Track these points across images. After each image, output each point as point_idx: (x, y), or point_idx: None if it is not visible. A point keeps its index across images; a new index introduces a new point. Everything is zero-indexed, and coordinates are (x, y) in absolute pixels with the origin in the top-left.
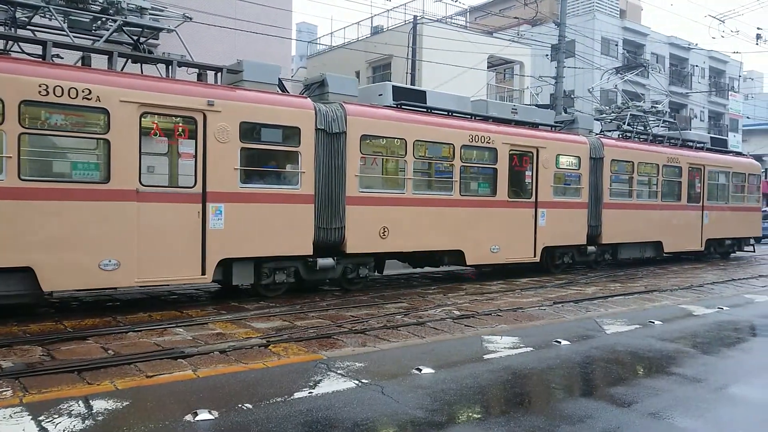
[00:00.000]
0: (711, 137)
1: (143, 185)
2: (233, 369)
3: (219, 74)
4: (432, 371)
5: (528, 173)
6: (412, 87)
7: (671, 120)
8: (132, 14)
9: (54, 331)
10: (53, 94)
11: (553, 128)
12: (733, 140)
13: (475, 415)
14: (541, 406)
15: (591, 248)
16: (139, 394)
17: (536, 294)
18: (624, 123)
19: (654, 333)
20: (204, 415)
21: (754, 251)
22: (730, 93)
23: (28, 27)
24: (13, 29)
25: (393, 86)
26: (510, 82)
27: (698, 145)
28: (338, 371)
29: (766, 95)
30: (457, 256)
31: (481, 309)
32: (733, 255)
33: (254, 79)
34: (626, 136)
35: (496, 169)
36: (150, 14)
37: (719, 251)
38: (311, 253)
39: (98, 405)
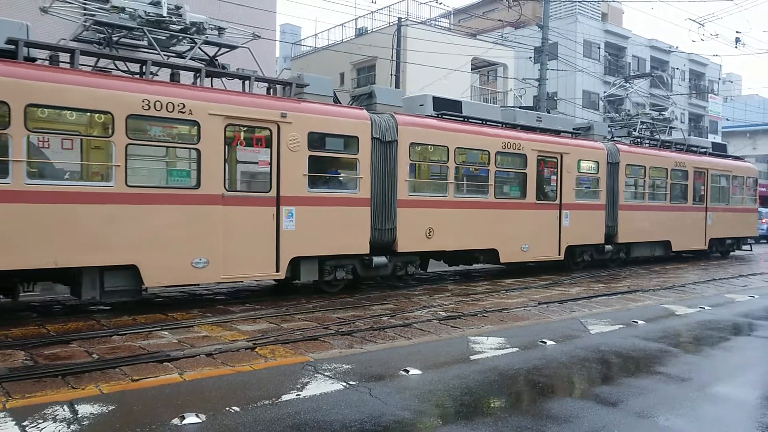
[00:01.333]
0: (712, 142)
1: (227, 191)
2: (220, 372)
3: (286, 88)
4: (419, 372)
5: (553, 177)
6: (450, 98)
7: (676, 126)
8: (210, 33)
9: (37, 335)
10: (154, 108)
11: (573, 135)
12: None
13: (462, 416)
14: (527, 406)
15: (608, 247)
16: (124, 398)
17: (521, 295)
18: (635, 129)
19: (637, 333)
20: (191, 419)
21: (751, 250)
22: (709, 95)
23: (115, 46)
24: (108, 48)
25: (433, 97)
26: (494, 84)
27: (701, 150)
28: (326, 373)
29: (744, 98)
30: (492, 255)
31: (467, 310)
32: (731, 253)
33: (316, 92)
34: (637, 141)
35: (525, 173)
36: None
37: (720, 250)
38: (368, 252)
39: (83, 409)
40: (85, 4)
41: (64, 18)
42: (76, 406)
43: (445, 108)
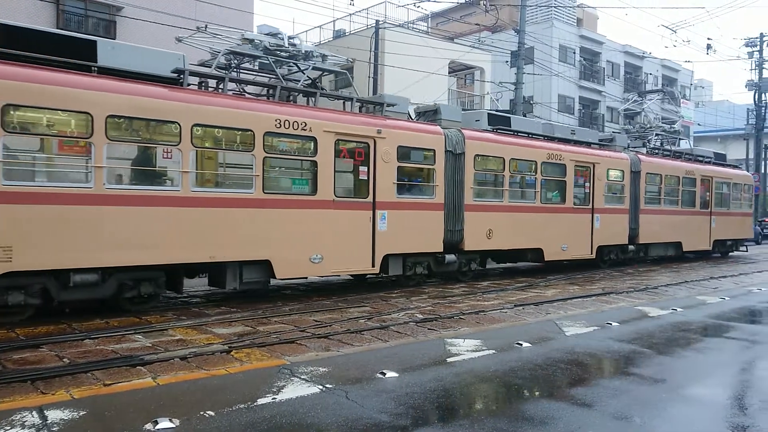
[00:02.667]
0: (714, 153)
1: (336, 197)
2: (194, 376)
3: (376, 107)
4: (396, 375)
5: (587, 184)
6: (501, 113)
7: (684, 138)
8: (315, 59)
9: (5, 339)
10: (283, 126)
11: (600, 146)
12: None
13: (439, 418)
14: (504, 408)
15: (631, 247)
16: (96, 404)
17: (498, 297)
18: (650, 141)
19: (612, 334)
20: (164, 424)
21: (746, 251)
22: (681, 100)
23: (238, 70)
24: (234, 72)
25: (488, 113)
26: (471, 88)
27: (706, 159)
28: (302, 376)
29: (715, 103)
30: (537, 254)
31: (444, 312)
32: (731, 254)
33: (399, 111)
34: (653, 152)
35: (565, 181)
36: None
37: (721, 251)
38: (441, 251)
39: (53, 415)
40: (221, 35)
41: (195, 47)
42: (45, 411)
43: (498, 123)
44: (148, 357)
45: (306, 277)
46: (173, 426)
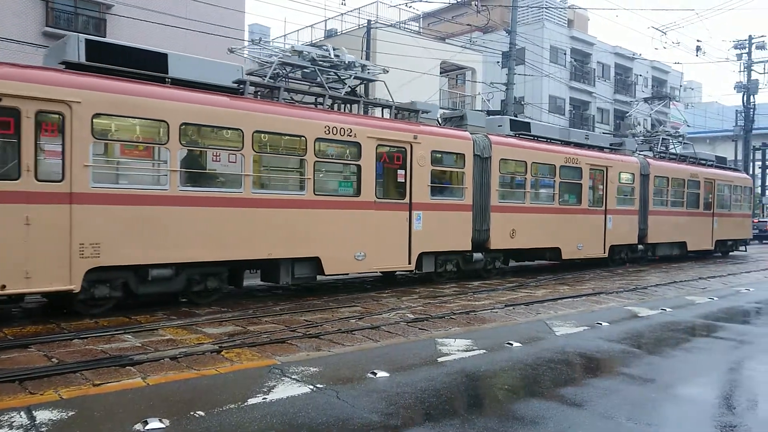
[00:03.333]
0: (716, 156)
1: (377, 198)
2: (184, 376)
3: (412, 114)
4: (387, 375)
5: (600, 187)
6: (522, 120)
7: (688, 143)
8: (356, 69)
9: None
10: (332, 133)
11: (611, 150)
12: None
13: (429, 418)
14: (494, 407)
15: (640, 247)
16: (85, 404)
17: (488, 297)
18: (656, 145)
19: (601, 334)
20: (154, 424)
21: (745, 251)
22: (671, 102)
23: (286, 79)
24: (282, 81)
25: (510, 119)
26: (462, 88)
27: (708, 162)
28: (293, 376)
29: (704, 105)
30: (555, 253)
31: (435, 312)
32: (730, 253)
33: (430, 117)
34: (660, 156)
35: (581, 183)
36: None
37: (722, 250)
38: (470, 249)
39: (42, 416)
40: (272, 48)
41: (246, 57)
42: (34, 412)
43: (519, 128)
44: (138, 357)
45: (347, 273)
46: (163, 426)
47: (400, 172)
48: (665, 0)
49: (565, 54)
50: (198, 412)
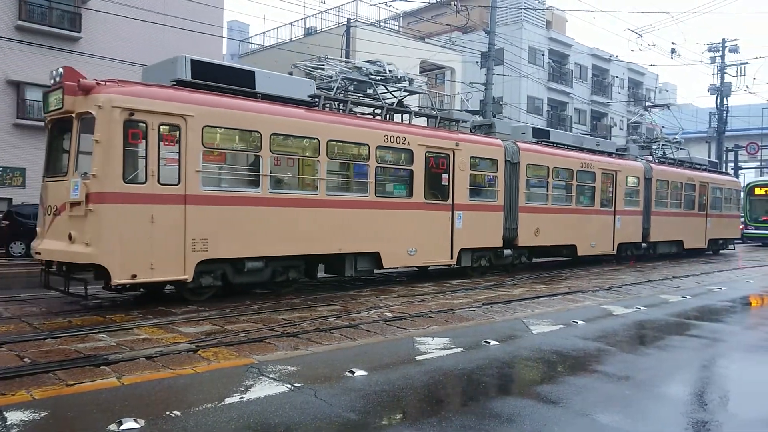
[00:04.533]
0: (708, 161)
1: (426, 200)
2: (160, 375)
3: (452, 123)
4: (365, 373)
5: (610, 189)
6: (542, 128)
7: (684, 148)
8: (404, 83)
9: None
10: (389, 141)
11: (617, 155)
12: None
13: (407, 416)
14: (472, 405)
15: (644, 245)
16: (58, 404)
17: (466, 296)
18: (656, 150)
19: (577, 332)
20: (129, 424)
21: (734, 249)
22: (646, 103)
23: (343, 91)
24: (342, 94)
25: (532, 128)
26: (441, 87)
27: (703, 167)
28: (270, 375)
29: (679, 106)
30: (571, 250)
31: (413, 311)
32: (721, 252)
33: (465, 126)
34: (660, 160)
35: (594, 186)
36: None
37: (713, 249)
38: (501, 246)
39: (13, 417)
40: (333, 65)
41: (308, 72)
42: (4, 413)
43: (540, 136)
44: (113, 356)
45: (396, 267)
46: (138, 426)
47: (444, 176)
48: (642, 3)
49: (543, 55)
50: (174, 412)
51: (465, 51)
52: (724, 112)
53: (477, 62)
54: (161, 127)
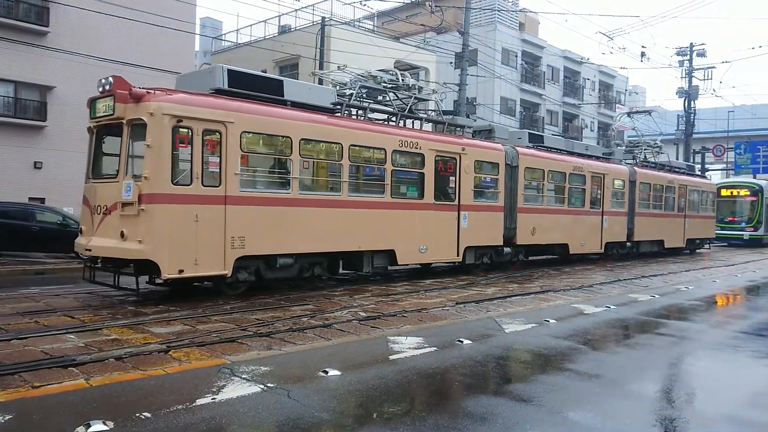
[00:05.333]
0: (686, 164)
1: (435, 201)
2: (130, 376)
3: (457, 129)
4: (338, 373)
5: (599, 191)
6: (537, 133)
7: (664, 152)
8: (414, 90)
9: None
10: (404, 146)
11: (605, 159)
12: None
13: (381, 416)
14: (445, 404)
15: (628, 244)
16: (24, 407)
17: (440, 295)
18: (639, 155)
19: (549, 331)
20: (98, 426)
21: (710, 248)
22: (617, 105)
23: (358, 98)
24: (357, 100)
25: (528, 132)
26: None
27: (682, 170)
28: (243, 376)
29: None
30: (563, 248)
31: (387, 310)
32: (697, 251)
33: (468, 131)
34: (643, 164)
35: (584, 189)
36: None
37: (690, 248)
38: (501, 244)
39: None
40: (351, 73)
41: (329, 80)
42: None
43: (535, 141)
44: (81, 358)
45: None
46: (107, 429)
47: (451, 178)
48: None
49: (516, 56)
50: (144, 414)
51: (439, 51)
52: (692, 115)
53: (451, 63)
54: (205, 132)
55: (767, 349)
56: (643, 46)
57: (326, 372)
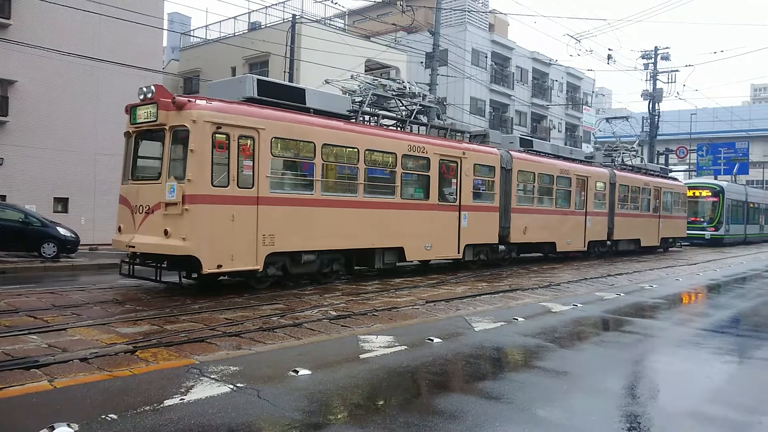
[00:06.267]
0: (660, 167)
1: (439, 201)
2: (96, 378)
3: (457, 134)
4: (309, 373)
5: (582, 193)
6: (527, 137)
7: (641, 156)
8: (419, 97)
9: None
10: (412, 150)
11: (587, 162)
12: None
13: (352, 415)
14: (415, 403)
15: (608, 242)
16: None
17: (410, 294)
18: (617, 158)
19: (518, 329)
20: (62, 429)
21: (681, 248)
22: (584, 107)
23: (368, 105)
24: (369, 107)
25: (519, 137)
26: None
27: (656, 173)
28: (212, 376)
29: (614, 111)
30: (551, 246)
31: (357, 309)
32: (670, 249)
33: (465, 136)
34: (622, 167)
35: (570, 190)
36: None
37: (664, 246)
38: (497, 242)
39: None
40: (363, 81)
41: (340, 88)
42: None
43: (525, 145)
44: (44, 359)
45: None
46: (72, 431)
47: (453, 180)
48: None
49: (486, 57)
50: (110, 416)
51: (410, 51)
52: (656, 117)
53: (422, 62)
54: (240, 138)
55: (728, 345)
56: (609, 49)
57: (297, 371)
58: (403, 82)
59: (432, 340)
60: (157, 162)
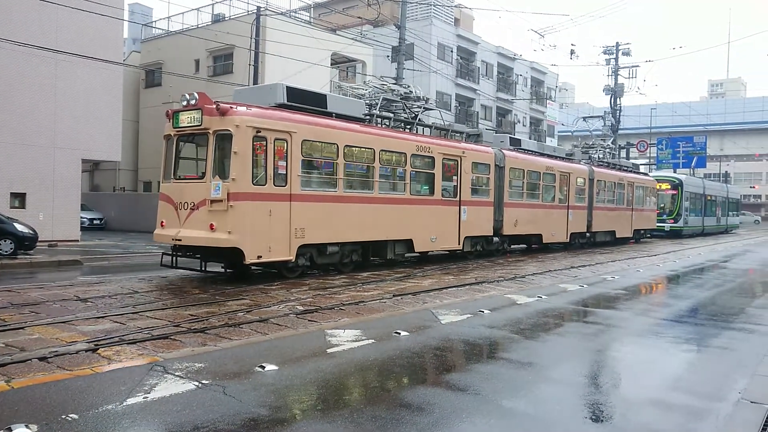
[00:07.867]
0: (632, 163)
1: (442, 197)
2: (55, 377)
3: (457, 135)
4: (275, 368)
5: (565, 188)
6: (517, 137)
7: (615, 153)
8: (422, 101)
9: None
10: (419, 150)
11: (568, 159)
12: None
13: (319, 410)
14: (383, 396)
15: (587, 234)
16: None
17: (377, 287)
18: (594, 155)
19: (484, 322)
20: (20, 430)
21: (650, 238)
22: (548, 101)
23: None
24: (378, 110)
25: (510, 137)
26: (353, 80)
27: (629, 168)
28: (176, 373)
29: (577, 105)
30: (538, 238)
31: (324, 303)
32: (640, 240)
33: (462, 136)
34: (599, 164)
35: (554, 186)
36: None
37: (636, 237)
38: (491, 234)
39: None
40: (371, 86)
41: (351, 92)
42: None
43: (514, 144)
44: (2, 359)
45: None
46: None
47: (454, 178)
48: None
49: (451, 51)
50: (71, 415)
51: (376, 45)
52: (618, 111)
53: (388, 56)
54: (276, 141)
55: (687, 335)
56: (572, 44)
57: (263, 367)
58: (408, 86)
59: (399, 334)
60: (201, 163)
